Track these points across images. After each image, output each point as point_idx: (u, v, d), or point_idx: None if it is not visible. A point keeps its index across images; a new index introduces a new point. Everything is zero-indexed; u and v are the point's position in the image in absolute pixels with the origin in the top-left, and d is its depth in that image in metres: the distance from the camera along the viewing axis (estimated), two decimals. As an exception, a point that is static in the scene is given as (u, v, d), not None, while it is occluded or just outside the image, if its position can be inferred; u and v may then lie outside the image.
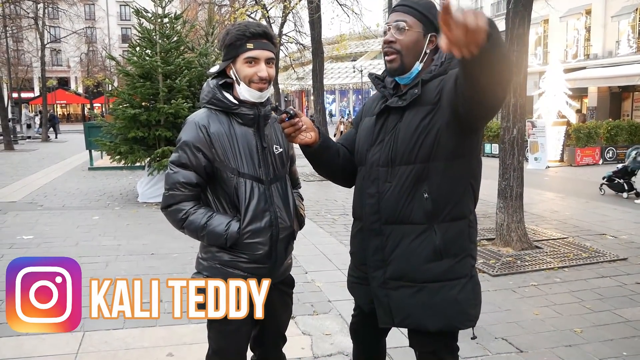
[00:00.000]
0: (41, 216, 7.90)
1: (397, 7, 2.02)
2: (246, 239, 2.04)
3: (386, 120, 2.03)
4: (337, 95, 55.61)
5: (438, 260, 1.96)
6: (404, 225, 1.97)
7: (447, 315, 1.97)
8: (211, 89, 2.10)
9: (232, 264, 2.08)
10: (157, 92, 8.98)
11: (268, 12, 20.57)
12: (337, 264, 5.39)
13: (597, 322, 4.04)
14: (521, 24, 5.96)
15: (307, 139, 2.03)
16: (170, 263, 5.46)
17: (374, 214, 2.03)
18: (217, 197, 2.10)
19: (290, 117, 1.97)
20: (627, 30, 23.17)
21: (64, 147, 22.97)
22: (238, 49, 2.03)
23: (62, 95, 48.51)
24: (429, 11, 1.97)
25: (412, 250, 1.97)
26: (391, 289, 2.02)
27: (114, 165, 10.75)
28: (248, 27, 2.03)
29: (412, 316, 2.00)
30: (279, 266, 2.16)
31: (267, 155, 2.12)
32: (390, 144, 1.98)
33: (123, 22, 56.96)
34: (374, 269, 2.06)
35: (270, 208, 2.09)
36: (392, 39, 1.97)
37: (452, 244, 1.97)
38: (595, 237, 6.80)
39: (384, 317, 2.08)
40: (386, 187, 1.99)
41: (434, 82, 1.96)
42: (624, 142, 17.00)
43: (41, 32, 26.91)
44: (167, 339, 3.65)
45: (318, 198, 9.59)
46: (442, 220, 1.96)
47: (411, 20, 1.96)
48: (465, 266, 2.01)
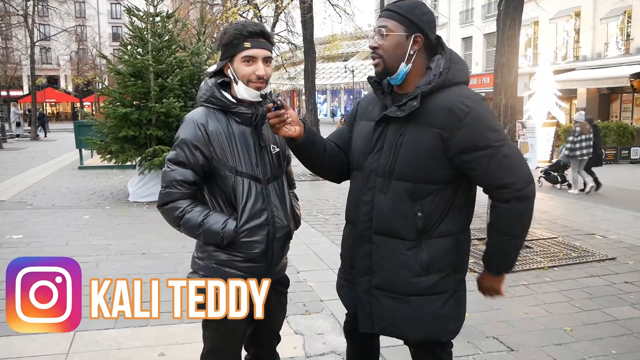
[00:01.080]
0: (30, 215, 7.84)
1: (381, 13, 2.06)
2: (243, 237, 2.04)
3: (385, 129, 2.03)
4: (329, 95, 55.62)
5: (425, 276, 1.99)
6: (394, 239, 2.00)
7: (427, 328, 2.02)
8: (209, 87, 2.10)
9: (228, 264, 2.07)
10: (148, 91, 8.94)
11: (260, 12, 20.56)
12: (329, 264, 5.40)
13: (586, 321, 4.08)
14: (512, 26, 6.01)
15: (290, 132, 2.03)
16: (162, 263, 5.44)
17: (366, 221, 2.04)
18: (213, 196, 2.10)
19: (276, 108, 1.97)
20: (615, 32, 23.36)
21: (53, 145, 22.80)
22: (235, 48, 2.03)
23: (51, 93, 48.14)
24: (411, 12, 1.98)
25: (400, 264, 1.99)
26: (374, 297, 2.06)
27: (105, 165, 10.68)
28: (245, 26, 2.03)
29: (394, 326, 2.05)
30: (275, 265, 2.16)
31: (265, 155, 2.12)
32: (389, 156, 1.99)
33: (114, 21, 56.64)
34: (361, 274, 2.09)
35: (267, 207, 2.09)
36: (375, 45, 2.02)
37: (438, 260, 2.00)
38: (585, 237, 6.87)
39: (364, 323, 2.11)
40: (381, 197, 2.01)
41: (439, 101, 1.93)
42: (612, 143, 17.17)
43: (31, 30, 26.67)
44: (159, 339, 3.64)
45: (310, 198, 9.59)
46: (431, 236, 1.99)
47: (392, 25, 1.98)
48: (449, 282, 2.04)
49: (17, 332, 3.66)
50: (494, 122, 1.97)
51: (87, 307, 2.00)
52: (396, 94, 2.08)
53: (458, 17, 33.03)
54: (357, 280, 2.11)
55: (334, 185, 10.49)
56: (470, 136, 1.89)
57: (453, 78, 1.97)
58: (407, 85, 2.04)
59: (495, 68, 6.25)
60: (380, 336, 2.39)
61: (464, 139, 1.89)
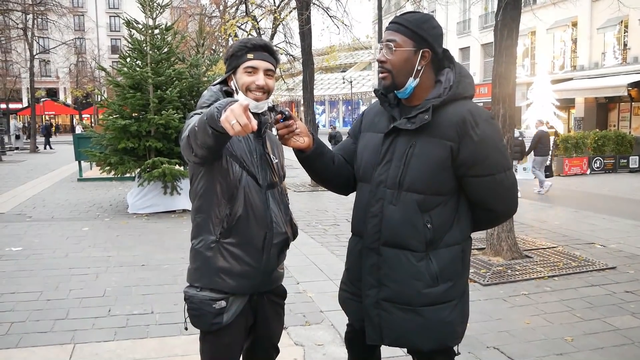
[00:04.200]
0: (30, 228, 7.83)
1: (389, 25, 2.05)
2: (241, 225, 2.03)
3: (394, 140, 2.03)
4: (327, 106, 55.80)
5: (435, 286, 1.99)
6: (403, 251, 2.00)
7: (439, 337, 2.02)
8: (214, 92, 2.11)
9: (224, 271, 2.06)
10: (147, 102, 8.97)
11: (258, 24, 20.68)
12: (328, 275, 5.39)
13: (587, 331, 4.07)
14: (509, 36, 6.04)
15: (299, 142, 2.04)
16: (161, 274, 5.42)
17: (375, 233, 2.04)
18: (215, 187, 2.04)
19: (285, 119, 1.98)
20: (612, 42, 23.53)
21: (52, 158, 22.80)
22: (239, 60, 2.07)
23: (50, 106, 48.20)
24: (420, 27, 1.98)
25: (411, 275, 1.99)
26: (384, 310, 2.05)
27: (104, 176, 10.69)
28: (249, 40, 2.09)
29: (404, 337, 2.04)
30: (270, 272, 2.16)
31: (266, 161, 2.13)
32: (400, 168, 1.99)
33: (113, 34, 56.93)
34: (369, 287, 2.08)
35: (266, 211, 2.09)
36: (383, 59, 2.02)
37: (447, 269, 2.01)
38: (584, 246, 6.86)
39: (372, 335, 2.10)
40: (390, 209, 2.00)
41: (450, 113, 1.95)
42: (610, 152, 17.22)
43: (30, 43, 26.77)
44: (159, 351, 3.63)
45: (309, 209, 9.59)
46: (440, 246, 2.00)
47: (400, 39, 1.98)
48: (458, 289, 2.05)
49: (16, 345, 3.67)
50: (502, 145, 2.03)
51: (85, 319, 1.99)
52: (404, 105, 2.09)
53: (455, 28, 33.25)
54: (364, 293, 2.09)
55: (333, 196, 10.51)
56: (477, 154, 1.94)
57: (463, 92, 2.00)
58: (415, 98, 2.04)
59: (493, 78, 6.28)
60: (381, 346, 2.39)
61: (471, 155, 1.94)
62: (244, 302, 2.11)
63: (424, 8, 16.06)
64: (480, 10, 29.68)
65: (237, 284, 2.07)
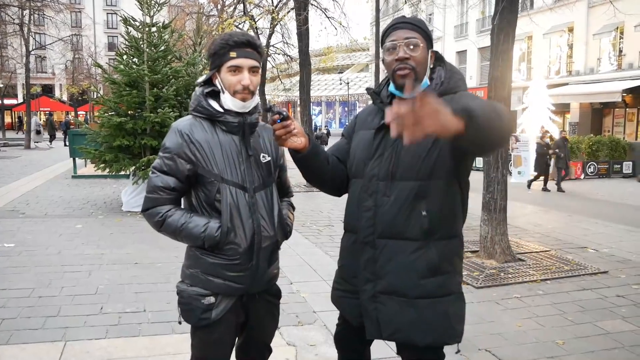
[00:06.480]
0: (23, 224, 7.79)
1: (401, 25, 2.04)
2: (227, 244, 2.05)
3: (386, 134, 2.04)
4: (324, 107, 55.83)
5: (432, 277, 1.99)
6: (398, 241, 2.00)
7: (436, 331, 2.00)
8: (197, 96, 2.13)
9: (214, 271, 2.07)
10: (143, 100, 8.94)
11: (256, 23, 20.64)
12: (322, 275, 5.39)
13: (578, 334, 4.09)
14: (505, 40, 6.06)
15: (296, 143, 2.04)
16: (154, 272, 5.41)
17: (369, 226, 2.04)
18: (200, 202, 2.11)
19: (282, 119, 1.98)
20: (608, 47, 23.64)
21: (47, 154, 22.70)
22: (222, 58, 2.05)
23: (46, 102, 47.95)
24: (427, 29, 2.06)
25: (407, 266, 1.99)
26: (380, 303, 2.04)
27: (98, 174, 10.65)
28: (232, 36, 2.05)
29: (401, 331, 2.02)
30: (261, 275, 2.15)
31: (252, 163, 2.13)
32: (390, 159, 2.01)
33: (109, 31, 56.76)
34: (365, 282, 2.07)
35: (253, 216, 2.09)
36: (406, 56, 2.00)
37: (446, 261, 2.01)
38: (577, 250, 6.89)
39: (372, 330, 2.09)
40: (384, 200, 2.01)
41: None
42: (604, 157, 17.31)
43: (26, 39, 26.65)
44: (150, 349, 3.62)
45: (303, 209, 9.59)
46: (438, 237, 2.00)
47: (419, 38, 2.02)
48: (455, 283, 2.06)
49: (7, 342, 3.65)
50: None
51: (77, 316, 1.99)
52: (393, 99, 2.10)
53: (453, 31, 33.35)
54: (361, 289, 2.09)
55: (327, 197, 10.47)
56: None
57: (455, 87, 2.03)
58: None
59: (489, 82, 6.30)
60: (371, 346, 2.39)
61: None
62: (234, 300, 2.11)
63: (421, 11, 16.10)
64: (478, 14, 29.73)
65: (227, 286, 2.08)
